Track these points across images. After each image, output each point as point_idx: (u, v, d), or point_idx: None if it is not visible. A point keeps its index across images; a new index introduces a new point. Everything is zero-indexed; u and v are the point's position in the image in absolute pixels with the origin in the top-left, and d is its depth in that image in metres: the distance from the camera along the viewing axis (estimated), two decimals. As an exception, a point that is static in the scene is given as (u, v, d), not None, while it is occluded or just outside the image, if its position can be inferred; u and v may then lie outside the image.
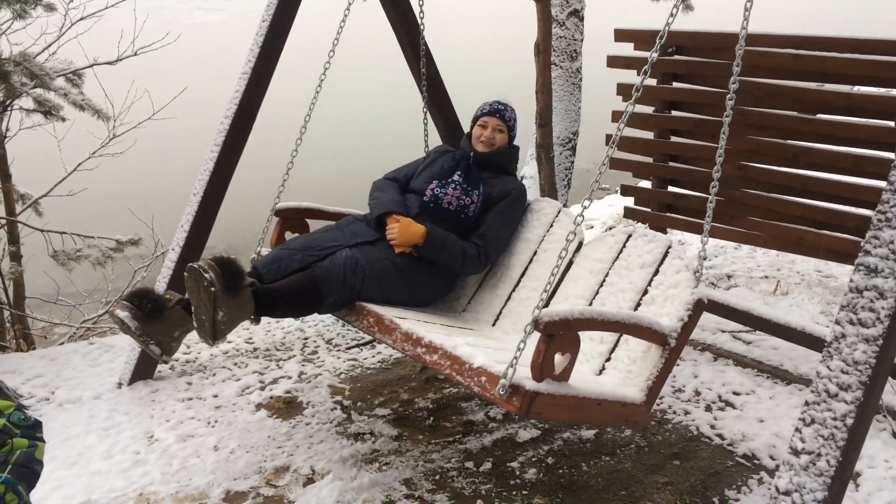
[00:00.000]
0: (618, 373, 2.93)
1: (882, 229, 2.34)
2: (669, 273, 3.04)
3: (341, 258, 3.20)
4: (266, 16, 3.98)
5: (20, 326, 5.64)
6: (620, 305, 3.10)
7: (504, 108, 3.64)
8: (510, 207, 3.55)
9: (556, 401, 2.47)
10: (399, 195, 3.58)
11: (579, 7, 6.92)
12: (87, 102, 5.50)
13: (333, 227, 3.52)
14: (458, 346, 2.71)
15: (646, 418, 2.81)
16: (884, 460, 3.31)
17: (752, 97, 4.55)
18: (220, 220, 4.17)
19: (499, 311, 3.51)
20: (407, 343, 2.89)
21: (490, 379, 2.51)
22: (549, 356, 2.45)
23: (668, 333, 2.77)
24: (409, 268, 3.34)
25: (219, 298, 2.86)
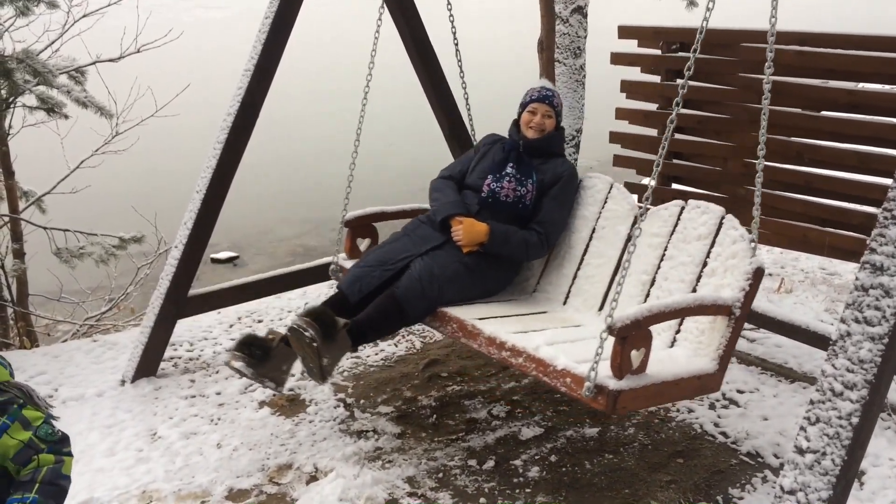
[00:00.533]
0: (689, 344, 3.09)
1: (888, 227, 2.33)
2: (726, 244, 3.15)
3: (416, 272, 3.36)
4: (269, 13, 3.97)
5: (23, 324, 5.65)
6: (683, 279, 3.24)
7: (552, 94, 3.72)
8: (564, 190, 3.65)
9: (638, 393, 2.67)
10: (457, 195, 3.68)
11: (583, 4, 6.88)
12: (90, 100, 5.51)
13: (402, 236, 3.64)
14: (540, 348, 2.89)
15: (719, 385, 2.98)
16: (888, 458, 3.30)
17: (756, 93, 4.52)
18: (223, 218, 4.17)
19: (567, 289, 3.65)
20: (492, 347, 3.08)
21: (575, 380, 2.72)
22: (626, 355, 2.64)
23: (732, 304, 2.92)
24: (479, 265, 3.49)
25: (321, 349, 3.13)
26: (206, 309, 4.37)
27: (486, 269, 3.52)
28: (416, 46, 4.47)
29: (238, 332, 4.68)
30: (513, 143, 3.70)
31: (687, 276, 3.22)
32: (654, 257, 3.36)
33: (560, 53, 4.91)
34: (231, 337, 4.61)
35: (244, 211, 10.02)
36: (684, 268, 3.25)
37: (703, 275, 3.18)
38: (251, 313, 4.94)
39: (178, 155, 12.68)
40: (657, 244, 3.37)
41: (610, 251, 3.54)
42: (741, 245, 3.07)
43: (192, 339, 4.58)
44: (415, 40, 4.45)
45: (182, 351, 4.44)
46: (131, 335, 4.68)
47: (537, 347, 2.90)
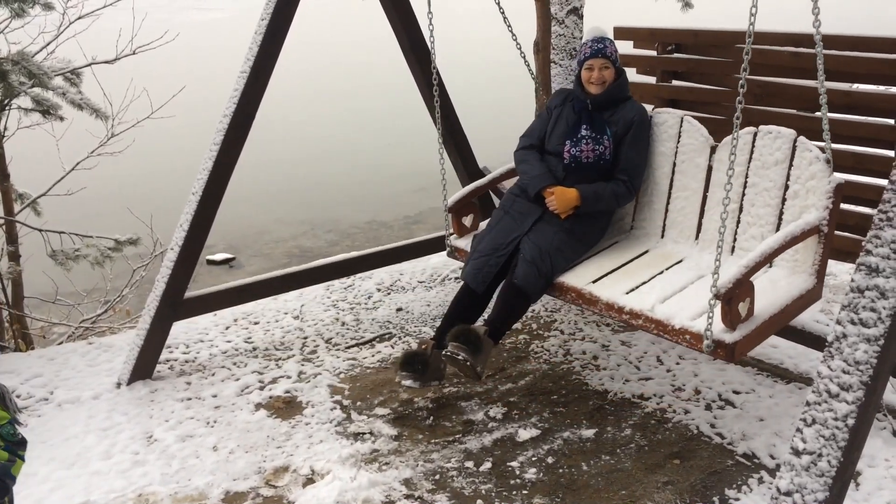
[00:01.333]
0: (786, 263, 3.38)
1: (883, 228, 2.34)
2: (803, 166, 3.35)
3: (528, 254, 3.61)
4: (265, 14, 3.97)
5: (19, 326, 5.64)
6: (768, 203, 3.46)
7: (604, 46, 3.80)
8: (637, 136, 3.82)
9: (751, 336, 2.99)
10: (542, 165, 3.87)
11: (578, 5, 6.89)
12: (86, 101, 5.49)
13: (503, 215, 3.86)
14: (655, 307, 3.20)
15: (820, 294, 3.30)
16: (884, 459, 3.30)
17: (753, 95, 4.53)
18: (219, 219, 4.17)
19: (662, 223, 3.89)
20: (611, 312, 3.36)
21: (694, 337, 3.03)
22: (735, 310, 2.94)
23: (818, 224, 3.21)
24: (578, 227, 3.76)
25: (474, 363, 3.46)
26: (202, 311, 4.36)
27: (585, 229, 3.79)
28: (412, 47, 4.47)
29: (234, 333, 4.68)
30: (581, 103, 3.83)
31: (772, 201, 3.44)
32: (738, 185, 3.55)
33: (556, 54, 4.91)
34: (227, 339, 4.60)
35: (240, 212, 10.02)
36: (768, 193, 3.46)
37: (786, 197, 3.39)
38: (247, 315, 4.93)
39: (174, 157, 12.67)
40: (738, 172, 3.53)
41: (693, 183, 3.76)
42: (818, 166, 3.28)
43: (188, 341, 4.57)
44: (411, 41, 4.45)
45: (178, 353, 4.43)
46: (127, 338, 4.67)
47: (653, 307, 3.20)
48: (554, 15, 4.89)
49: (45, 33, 5.93)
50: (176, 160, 12.35)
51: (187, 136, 12.27)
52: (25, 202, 5.88)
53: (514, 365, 4.22)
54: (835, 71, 4.32)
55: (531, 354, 4.33)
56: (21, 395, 3.97)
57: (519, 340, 4.49)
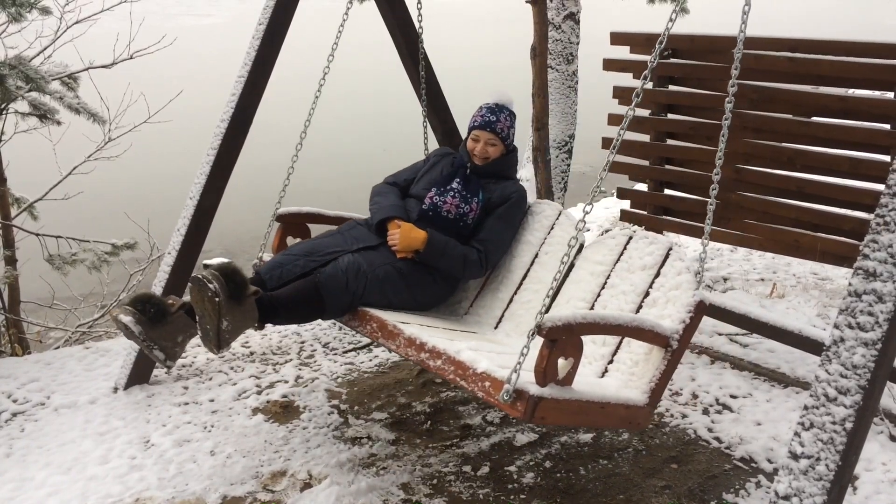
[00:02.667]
0: (620, 375, 2.95)
1: (881, 233, 2.35)
2: (671, 275, 3.05)
3: (344, 264, 3.20)
4: (262, 19, 3.97)
5: (15, 331, 5.62)
6: (622, 308, 3.12)
7: (495, 120, 3.55)
8: (510, 212, 3.55)
9: (560, 405, 2.49)
10: (399, 200, 3.59)
11: (575, 10, 6.92)
12: (83, 106, 5.48)
13: (335, 233, 3.53)
14: (462, 352, 2.73)
15: (648, 421, 2.82)
16: (881, 463, 3.31)
17: (749, 100, 4.55)
18: (217, 224, 4.16)
19: (501, 314, 3.53)
20: (410, 348, 2.91)
21: (494, 384, 2.53)
22: (553, 361, 2.47)
23: (670, 335, 2.78)
24: (411, 272, 3.34)
25: (223, 308, 2.88)
26: (199, 315, 4.35)
27: (418, 279, 3.36)
28: (409, 51, 4.47)
29: (231, 338, 4.67)
30: (461, 161, 3.60)
31: (626, 306, 3.11)
32: (595, 285, 3.26)
33: (553, 59, 4.94)
34: (224, 343, 4.59)
35: (237, 216, 10.00)
36: (625, 296, 3.14)
37: (643, 305, 3.06)
38: (244, 320, 4.92)
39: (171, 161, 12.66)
40: (600, 272, 3.27)
41: (549, 278, 3.37)
42: (685, 277, 2.98)
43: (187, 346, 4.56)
44: (407, 45, 4.45)
45: (175, 358, 4.42)
46: (124, 342, 4.66)
47: (459, 351, 2.74)
48: (551, 20, 4.91)
49: (42, 38, 5.92)
50: (173, 165, 12.34)
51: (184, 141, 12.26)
52: (22, 206, 5.86)
53: (512, 369, 4.22)
54: (830, 76, 4.35)
55: (529, 359, 4.33)
56: (17, 399, 3.96)
57: (516, 345, 4.50)
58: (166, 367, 3.09)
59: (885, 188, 2.37)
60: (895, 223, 2.31)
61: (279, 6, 3.95)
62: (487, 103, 3.60)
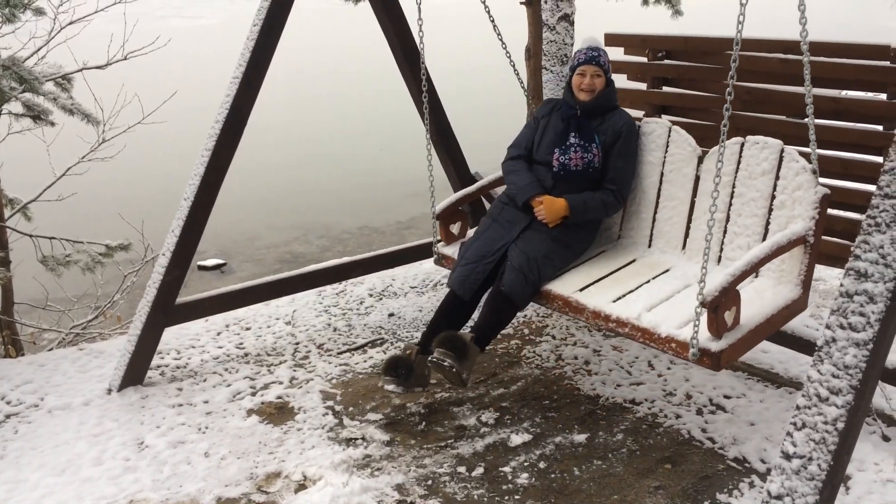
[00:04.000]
0: (772, 273, 3.39)
1: (872, 234, 2.36)
2: (790, 177, 3.37)
3: (515, 262, 3.61)
4: (257, 20, 3.97)
5: (9, 332, 5.61)
6: (755, 213, 3.47)
7: (598, 54, 3.84)
8: (626, 145, 3.85)
9: (737, 345, 2.98)
10: (531, 174, 3.86)
11: (569, 11, 6.92)
12: (77, 107, 5.47)
13: (492, 222, 3.86)
14: (642, 316, 3.20)
15: (806, 305, 3.30)
16: (874, 463, 3.32)
17: (741, 101, 4.56)
18: (211, 224, 4.16)
19: (649, 233, 3.91)
20: (598, 320, 3.36)
21: (679, 345, 3.03)
22: (721, 319, 2.93)
23: (805, 234, 3.21)
24: (567, 236, 3.76)
25: (460, 370, 3.46)
26: (193, 317, 4.35)
27: (574, 237, 3.79)
28: (404, 51, 4.48)
29: (226, 339, 4.67)
30: (570, 110, 3.84)
31: (759, 211, 3.46)
32: (724, 195, 3.56)
33: (547, 60, 4.93)
34: (218, 345, 4.59)
35: (232, 217, 10.00)
36: (755, 203, 3.47)
37: (773, 207, 3.41)
38: (239, 321, 4.93)
39: (165, 162, 12.64)
40: (725, 182, 3.55)
41: (681, 193, 3.77)
42: (804, 176, 3.29)
43: (179, 346, 4.56)
44: (402, 45, 4.46)
45: (169, 359, 4.42)
46: (118, 343, 4.66)
47: (639, 316, 3.19)
48: (545, 21, 4.92)
49: (36, 38, 5.91)
50: (167, 165, 12.32)
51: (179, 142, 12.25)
52: (16, 207, 5.86)
53: (506, 370, 4.22)
54: (823, 77, 4.36)
55: (523, 359, 4.34)
56: (11, 401, 3.96)
57: (511, 345, 4.50)
58: (427, 389, 3.82)
59: (877, 189, 2.39)
60: (886, 224, 2.32)
61: (274, 7, 3.95)
62: (583, 46, 3.90)
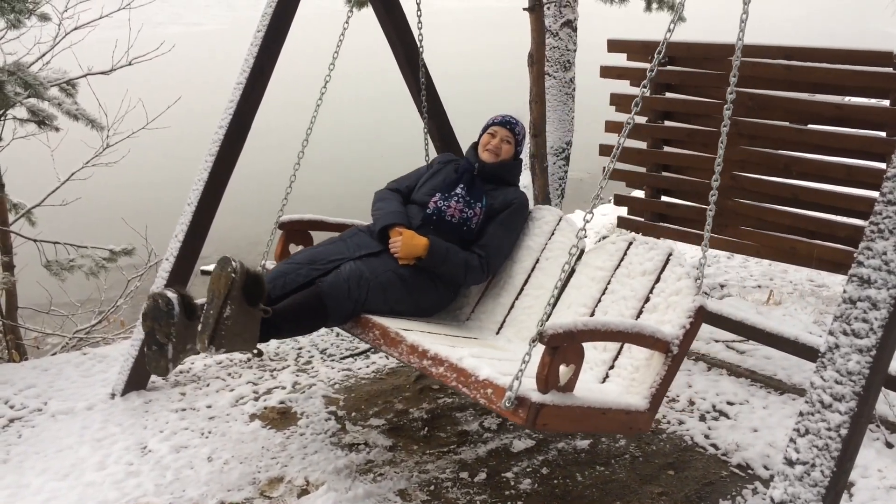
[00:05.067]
0: (621, 381, 2.98)
1: (875, 240, 2.36)
2: (671, 280, 3.08)
3: (346, 272, 3.24)
4: (261, 26, 3.99)
5: (12, 337, 5.62)
6: (623, 313, 3.14)
7: (515, 122, 3.72)
8: (512, 217, 3.61)
9: (562, 411, 2.51)
10: (402, 206, 3.62)
11: (572, 18, 6.95)
12: (81, 112, 5.50)
13: (337, 240, 3.56)
14: (464, 359, 2.75)
15: (649, 425, 2.84)
16: (877, 470, 3.32)
17: (745, 107, 4.57)
18: (214, 230, 4.17)
19: (502, 319, 3.56)
20: (413, 355, 2.93)
21: (496, 391, 2.55)
22: (554, 368, 2.49)
23: (670, 341, 2.80)
24: (413, 279, 3.38)
25: (233, 292, 2.89)
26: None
27: (420, 285, 3.41)
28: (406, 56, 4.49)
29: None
30: (467, 165, 3.66)
31: (627, 311, 3.13)
32: (595, 290, 3.29)
33: (550, 66, 4.96)
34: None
35: (235, 222, 10.01)
36: (625, 302, 3.17)
37: (644, 310, 3.10)
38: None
39: (169, 167, 12.68)
40: (600, 277, 3.30)
41: (551, 283, 3.42)
42: (686, 282, 3.00)
43: (182, 351, 4.57)
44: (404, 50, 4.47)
45: (172, 364, 4.42)
46: (121, 348, 4.66)
47: (461, 358, 2.75)
48: (548, 27, 4.93)
49: (40, 44, 5.94)
50: (171, 171, 12.35)
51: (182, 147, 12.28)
52: (20, 212, 5.87)
53: (509, 376, 4.22)
54: (826, 84, 4.37)
55: (526, 365, 4.34)
56: (14, 405, 3.96)
57: (513, 351, 4.50)
58: (163, 372, 3.09)
59: (880, 196, 2.39)
60: (889, 230, 2.33)
61: (277, 14, 3.97)
62: (504, 113, 3.76)
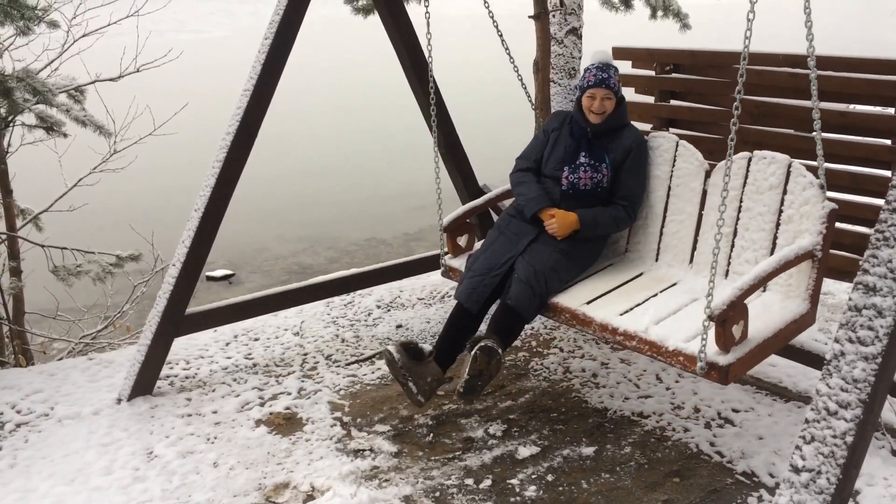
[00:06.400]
0: (779, 288, 3.39)
1: (880, 248, 2.36)
2: (797, 192, 3.39)
3: (522, 275, 3.60)
4: (268, 33, 4.01)
5: (19, 342, 5.65)
6: (763, 227, 3.48)
7: (607, 77, 3.80)
8: (637, 164, 3.85)
9: (745, 360, 2.98)
10: (540, 187, 3.87)
11: (577, 25, 6.96)
12: (89, 118, 5.54)
13: (499, 235, 3.86)
14: (649, 329, 3.19)
15: (814, 320, 3.29)
16: (883, 478, 3.31)
17: (750, 115, 4.58)
18: (219, 235, 4.19)
19: (656, 247, 3.92)
20: (605, 333, 3.36)
21: (687, 359, 3.02)
22: (728, 333, 2.92)
23: (812, 249, 3.21)
24: (574, 250, 3.76)
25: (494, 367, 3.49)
26: (203, 327, 4.37)
27: (581, 251, 3.79)
28: (412, 63, 4.52)
29: (234, 350, 4.69)
30: (581, 130, 3.84)
31: (766, 225, 3.47)
32: (732, 209, 3.58)
33: (555, 74, 4.96)
34: (227, 355, 4.61)
35: (240, 228, 10.04)
36: (762, 217, 3.49)
37: (780, 222, 3.42)
38: (247, 331, 4.95)
39: (176, 173, 12.71)
40: (733, 196, 3.57)
41: (688, 207, 3.78)
42: (812, 191, 3.31)
43: (188, 357, 4.58)
44: (411, 58, 4.50)
45: (178, 369, 4.44)
46: (128, 353, 4.68)
47: (647, 329, 3.18)
48: (553, 35, 4.95)
49: (49, 51, 5.98)
50: (177, 177, 12.39)
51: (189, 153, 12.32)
52: (28, 218, 5.91)
53: (514, 382, 4.23)
54: (831, 92, 4.37)
55: (531, 372, 4.34)
56: (21, 410, 3.98)
57: (518, 358, 4.50)
58: (417, 402, 3.64)
59: (885, 203, 2.39)
60: (894, 238, 2.33)
61: (285, 21, 3.99)
62: (594, 63, 3.84)
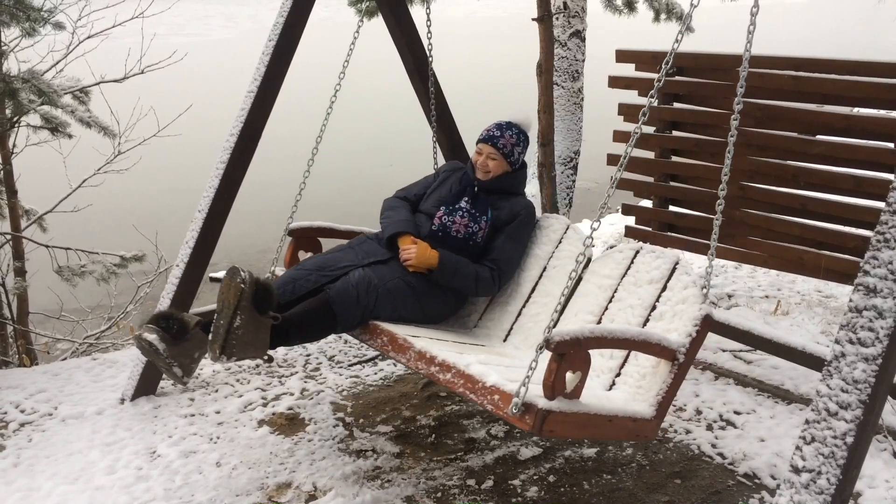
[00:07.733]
0: (628, 388, 2.98)
1: (881, 250, 2.37)
2: (677, 289, 3.08)
3: (354, 278, 3.25)
4: (272, 35, 4.03)
5: (23, 342, 5.67)
6: (629, 321, 3.14)
7: (499, 136, 3.58)
8: (520, 229, 3.60)
9: (568, 418, 2.51)
10: (410, 215, 3.63)
11: (581, 28, 6.99)
12: (94, 119, 5.57)
13: (346, 247, 3.57)
14: (471, 365, 2.76)
15: (655, 433, 2.84)
16: (884, 480, 3.31)
17: (753, 118, 4.59)
18: (224, 237, 4.20)
19: (509, 327, 3.56)
20: (420, 362, 2.95)
21: (503, 397, 2.57)
22: (561, 375, 2.50)
23: (676, 349, 2.81)
24: (422, 286, 3.40)
25: (243, 302, 2.90)
26: (206, 328, 4.38)
27: (428, 292, 3.42)
28: (416, 66, 4.52)
29: (238, 350, 4.69)
30: (469, 180, 3.63)
31: (634, 319, 3.13)
32: (602, 298, 3.30)
33: (559, 77, 4.99)
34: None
35: (243, 229, 10.05)
36: (632, 310, 3.17)
37: (650, 318, 3.10)
38: (251, 332, 4.95)
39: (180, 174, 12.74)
40: (607, 286, 3.31)
41: (558, 291, 3.40)
42: (692, 291, 3.01)
43: (191, 357, 4.59)
44: (414, 59, 4.51)
45: (182, 369, 4.45)
46: (131, 353, 4.70)
47: (468, 364, 2.77)
48: (557, 38, 4.96)
49: (54, 52, 6.01)
50: (181, 178, 12.42)
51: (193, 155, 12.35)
52: (32, 218, 5.94)
53: (516, 384, 4.23)
54: (835, 95, 4.38)
55: (533, 373, 4.35)
56: (25, 409, 4.00)
57: (521, 359, 4.52)
58: (182, 383, 3.13)
59: (886, 206, 2.40)
60: (895, 240, 2.34)
61: (289, 23, 4.01)
62: (500, 120, 3.65)
